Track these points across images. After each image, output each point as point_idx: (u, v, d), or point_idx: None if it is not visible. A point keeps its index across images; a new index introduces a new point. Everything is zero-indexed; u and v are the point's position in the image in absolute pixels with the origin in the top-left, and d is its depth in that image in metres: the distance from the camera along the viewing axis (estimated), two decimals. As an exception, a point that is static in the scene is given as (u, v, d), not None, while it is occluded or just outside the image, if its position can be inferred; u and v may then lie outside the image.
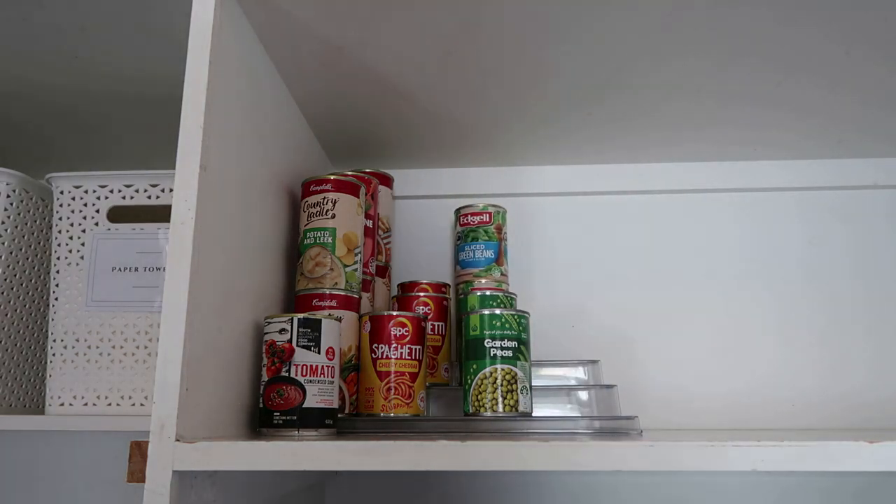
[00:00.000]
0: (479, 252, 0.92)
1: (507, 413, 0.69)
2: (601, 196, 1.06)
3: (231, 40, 0.63)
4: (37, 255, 0.87)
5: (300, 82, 0.80)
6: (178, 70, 0.59)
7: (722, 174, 1.05)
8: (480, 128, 0.94)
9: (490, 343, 0.71)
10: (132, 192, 0.81)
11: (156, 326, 0.78)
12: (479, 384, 0.71)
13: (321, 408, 0.62)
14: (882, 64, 0.77)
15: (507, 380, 0.70)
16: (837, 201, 1.04)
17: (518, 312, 0.73)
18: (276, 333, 0.62)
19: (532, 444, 0.49)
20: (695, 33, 0.71)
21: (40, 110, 0.93)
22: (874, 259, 1.02)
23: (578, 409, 0.82)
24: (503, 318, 0.72)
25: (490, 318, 0.72)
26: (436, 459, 0.49)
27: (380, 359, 0.72)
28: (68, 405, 0.77)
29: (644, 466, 0.48)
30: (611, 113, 0.89)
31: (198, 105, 0.57)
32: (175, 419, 0.51)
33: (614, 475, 0.94)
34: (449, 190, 1.06)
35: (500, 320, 0.72)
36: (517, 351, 0.71)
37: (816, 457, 0.47)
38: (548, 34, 0.71)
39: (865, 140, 0.97)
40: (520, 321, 0.72)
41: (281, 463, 0.50)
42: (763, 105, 0.87)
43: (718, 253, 1.03)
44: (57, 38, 0.76)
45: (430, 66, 0.77)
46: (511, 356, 0.71)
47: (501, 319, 0.72)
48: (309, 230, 0.74)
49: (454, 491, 0.96)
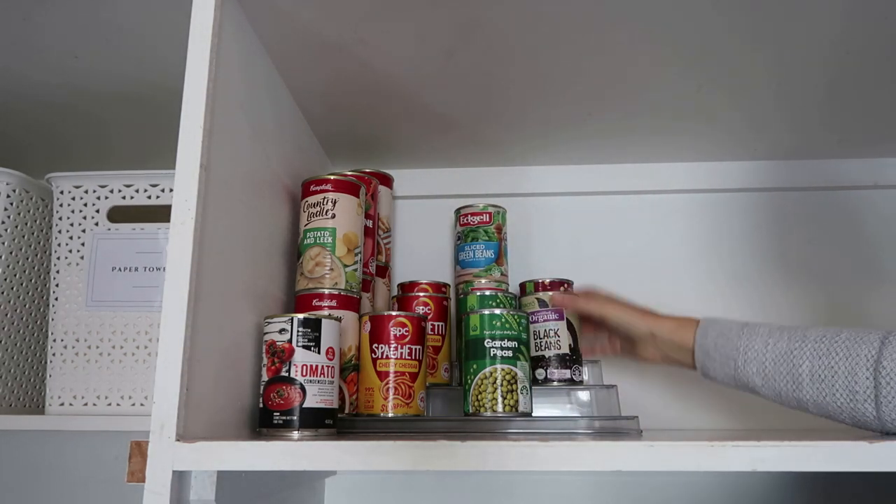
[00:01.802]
0: (479, 252, 0.92)
1: (507, 413, 0.69)
2: (601, 196, 1.06)
3: (231, 40, 0.63)
4: (37, 255, 0.87)
5: (300, 81, 0.80)
6: (178, 70, 0.59)
7: (724, 174, 1.05)
8: (480, 128, 0.94)
9: (490, 343, 0.71)
10: (132, 192, 0.81)
11: (156, 326, 0.78)
12: (479, 384, 0.70)
13: (321, 408, 0.62)
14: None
15: (507, 380, 0.70)
16: (837, 201, 1.04)
17: (518, 313, 0.73)
18: (276, 333, 0.62)
19: (532, 444, 0.49)
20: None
21: (40, 110, 0.93)
22: (875, 259, 1.02)
23: (578, 409, 0.82)
24: (503, 318, 0.72)
25: (490, 318, 0.72)
26: (436, 459, 0.49)
27: (380, 359, 0.72)
28: (68, 405, 0.77)
29: (644, 466, 0.48)
30: (611, 113, 0.90)
31: (198, 105, 0.57)
32: (175, 419, 0.51)
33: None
34: (449, 190, 1.06)
35: (500, 320, 0.72)
36: (517, 351, 0.71)
37: (816, 457, 0.47)
38: (548, 34, 0.71)
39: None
40: (520, 321, 0.72)
41: (281, 463, 0.50)
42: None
43: (718, 253, 1.03)
44: (57, 38, 0.76)
45: (430, 66, 0.77)
46: (511, 356, 0.71)
47: (501, 319, 0.72)
48: (309, 230, 0.74)
49: (454, 490, 0.96)
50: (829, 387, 0.56)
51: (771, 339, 0.60)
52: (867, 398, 0.54)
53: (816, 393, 0.57)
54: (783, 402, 0.61)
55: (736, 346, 0.62)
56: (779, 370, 0.59)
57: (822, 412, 0.58)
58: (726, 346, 0.63)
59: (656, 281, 1.02)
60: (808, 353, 0.58)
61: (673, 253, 1.04)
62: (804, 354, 0.58)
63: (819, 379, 0.57)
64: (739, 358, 0.62)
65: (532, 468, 0.49)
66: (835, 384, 0.56)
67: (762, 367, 0.60)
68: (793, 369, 0.58)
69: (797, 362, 0.58)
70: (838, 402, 0.56)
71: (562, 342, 0.79)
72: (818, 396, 0.57)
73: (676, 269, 1.03)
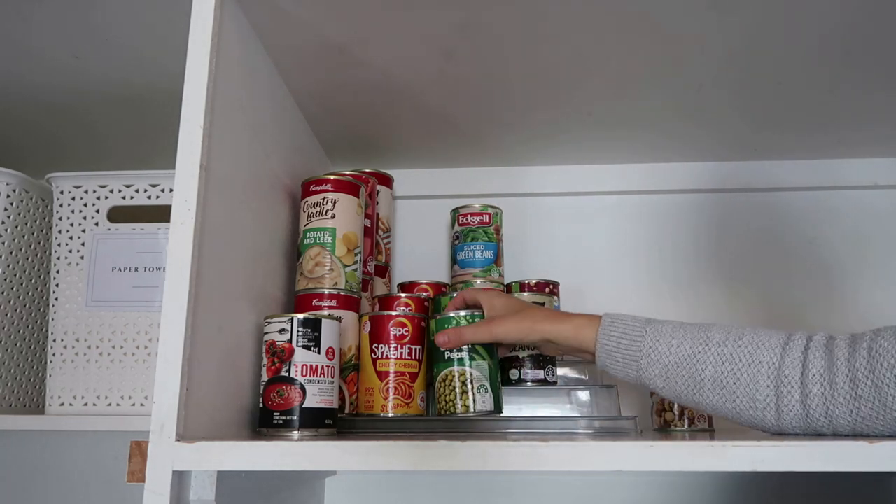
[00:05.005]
0: (478, 252, 0.92)
1: (464, 413, 0.69)
2: (601, 196, 1.06)
3: (231, 40, 0.63)
4: (37, 255, 0.87)
5: (300, 82, 0.80)
6: (178, 70, 0.59)
7: (726, 174, 1.05)
8: (480, 128, 0.94)
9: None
10: (132, 192, 0.81)
11: (156, 326, 0.78)
12: (438, 386, 0.71)
13: (321, 408, 0.62)
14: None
15: (461, 381, 0.70)
16: (836, 201, 1.04)
17: (472, 313, 0.72)
18: (276, 333, 0.62)
19: (532, 444, 0.49)
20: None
21: (40, 110, 0.93)
22: (873, 260, 1.02)
23: (578, 409, 0.82)
24: (455, 321, 0.72)
25: (443, 322, 0.72)
26: (436, 459, 0.49)
27: (380, 359, 0.72)
28: (68, 405, 0.77)
29: (644, 466, 0.48)
30: (611, 113, 0.90)
31: (198, 105, 0.57)
32: (175, 419, 0.51)
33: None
34: (449, 190, 1.06)
35: (452, 323, 0.72)
36: (471, 351, 0.71)
37: (816, 457, 0.47)
38: (547, 35, 0.71)
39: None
40: (473, 321, 0.72)
41: (281, 463, 0.50)
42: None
43: (719, 252, 1.03)
44: (57, 38, 0.76)
45: (430, 66, 0.77)
46: (464, 357, 0.70)
47: (453, 322, 0.72)
48: (309, 230, 0.74)
49: (454, 490, 0.96)
50: (731, 393, 0.56)
51: (675, 339, 0.59)
52: (767, 406, 0.55)
53: (717, 398, 0.57)
54: (681, 403, 0.62)
55: (639, 347, 0.61)
56: (681, 374, 0.58)
57: (720, 414, 0.58)
58: (629, 348, 0.62)
59: (655, 281, 1.02)
60: (711, 359, 0.57)
61: (672, 253, 1.04)
62: (707, 359, 0.57)
63: (721, 385, 0.56)
64: (643, 360, 0.60)
65: (532, 468, 0.48)
66: (736, 391, 0.56)
67: (664, 370, 0.59)
68: (695, 374, 0.58)
69: (700, 367, 0.57)
70: (738, 407, 0.56)
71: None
72: (718, 401, 0.57)
73: (676, 269, 1.03)
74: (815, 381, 0.53)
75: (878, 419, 0.51)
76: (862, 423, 0.52)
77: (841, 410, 0.52)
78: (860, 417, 0.51)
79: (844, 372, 0.52)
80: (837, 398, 0.52)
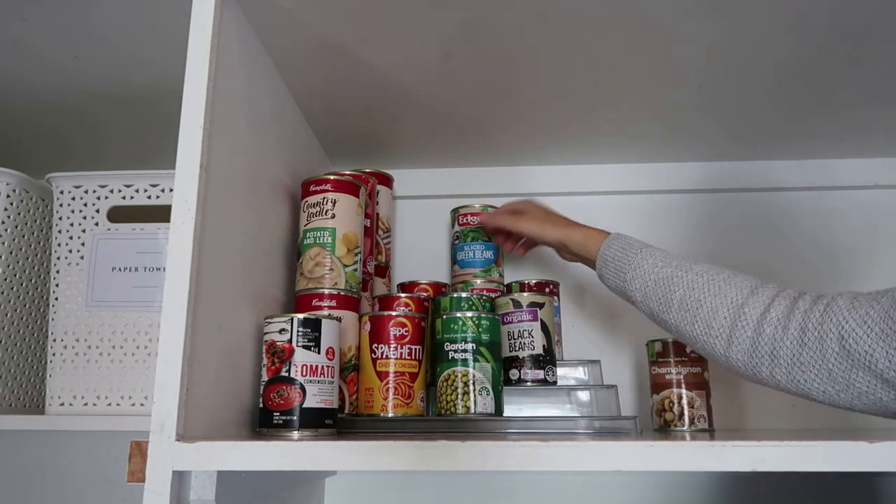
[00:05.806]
0: (478, 252, 0.92)
1: (465, 414, 0.70)
2: (601, 196, 1.06)
3: (231, 40, 0.63)
4: (37, 255, 0.87)
5: (300, 82, 0.80)
6: (178, 70, 0.59)
7: (726, 174, 1.05)
8: (480, 128, 0.94)
9: (449, 346, 0.72)
10: (132, 192, 0.81)
11: (156, 326, 0.78)
12: (440, 386, 0.72)
13: (321, 408, 0.62)
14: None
15: (464, 381, 0.70)
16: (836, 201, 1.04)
17: (479, 315, 0.73)
18: (276, 333, 0.62)
19: (532, 444, 0.49)
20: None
21: (40, 110, 0.93)
22: (873, 260, 1.02)
23: (578, 409, 0.82)
24: (461, 321, 0.72)
25: (449, 322, 0.73)
26: (436, 459, 0.49)
27: (380, 359, 0.72)
28: (68, 405, 0.77)
29: (644, 466, 0.48)
30: (611, 113, 0.90)
31: (198, 105, 0.57)
32: (175, 419, 0.51)
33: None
34: (448, 190, 1.06)
35: (457, 323, 0.72)
36: (476, 353, 0.71)
37: (816, 457, 0.47)
38: (547, 35, 0.71)
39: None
40: (479, 323, 0.72)
41: (281, 463, 0.50)
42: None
43: (719, 252, 1.03)
44: (57, 38, 0.76)
45: (430, 66, 0.77)
46: (468, 358, 0.71)
47: (458, 322, 0.72)
48: (309, 230, 0.74)
49: (454, 490, 0.96)
50: (692, 317, 0.62)
51: (661, 262, 0.66)
52: (720, 335, 0.60)
53: (680, 320, 0.63)
54: (653, 320, 0.67)
55: (630, 261, 0.68)
56: (656, 292, 0.65)
57: (680, 336, 0.64)
58: (622, 260, 0.69)
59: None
60: (684, 283, 0.63)
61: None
62: (681, 283, 0.63)
63: (685, 308, 0.62)
64: (629, 272, 0.68)
65: (532, 468, 0.49)
66: (697, 316, 0.61)
67: (644, 286, 0.66)
68: (667, 294, 0.64)
69: (672, 289, 0.64)
70: (695, 332, 0.62)
71: (535, 343, 0.79)
72: (680, 323, 0.63)
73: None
74: (771, 324, 0.57)
75: (814, 369, 0.54)
76: (799, 370, 0.55)
77: (785, 353, 0.56)
78: (799, 363, 0.55)
79: (799, 320, 0.56)
80: (785, 341, 0.56)
